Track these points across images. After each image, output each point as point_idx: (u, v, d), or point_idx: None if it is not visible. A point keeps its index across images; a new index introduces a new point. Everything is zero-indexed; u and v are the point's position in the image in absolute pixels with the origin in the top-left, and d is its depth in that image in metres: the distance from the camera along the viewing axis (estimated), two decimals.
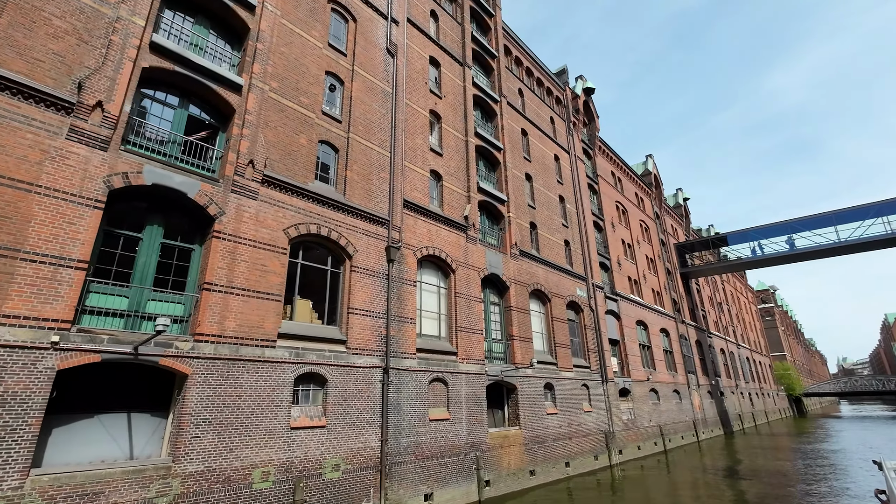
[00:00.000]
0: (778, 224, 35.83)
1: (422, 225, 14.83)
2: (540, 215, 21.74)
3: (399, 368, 12.46)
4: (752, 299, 72.86)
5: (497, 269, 17.56)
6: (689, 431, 30.44)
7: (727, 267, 38.60)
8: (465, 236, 16.53)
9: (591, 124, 30.97)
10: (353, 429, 10.85)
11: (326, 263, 12.06)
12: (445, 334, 14.91)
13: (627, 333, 26.48)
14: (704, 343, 39.79)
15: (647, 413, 25.46)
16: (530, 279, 19.35)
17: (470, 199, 17.17)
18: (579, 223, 25.01)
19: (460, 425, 13.69)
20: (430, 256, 14.94)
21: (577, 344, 21.84)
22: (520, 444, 15.74)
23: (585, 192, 27.19)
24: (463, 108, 18.71)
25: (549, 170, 24.00)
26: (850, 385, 65.97)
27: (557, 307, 20.65)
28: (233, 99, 10.68)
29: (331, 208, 12.10)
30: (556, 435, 17.65)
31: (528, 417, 16.55)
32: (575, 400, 19.51)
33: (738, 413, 42.54)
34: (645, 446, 24.05)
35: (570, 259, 23.39)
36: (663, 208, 40.93)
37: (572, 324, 22.05)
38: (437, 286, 15.27)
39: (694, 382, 34.13)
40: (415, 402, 12.57)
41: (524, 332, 17.90)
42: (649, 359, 28.87)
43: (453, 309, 15.12)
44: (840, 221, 33.58)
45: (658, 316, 31.73)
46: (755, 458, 23.42)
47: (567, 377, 19.51)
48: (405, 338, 12.98)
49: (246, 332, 9.49)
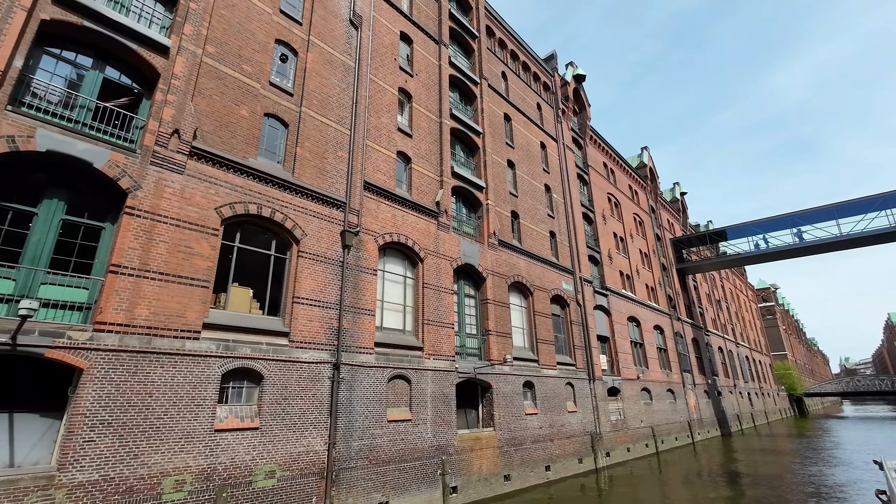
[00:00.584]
0: (778, 217, 34.58)
1: (385, 209, 13.68)
2: (523, 204, 20.57)
3: (353, 364, 11.32)
4: (753, 297, 71.55)
5: (472, 260, 16.41)
6: (684, 432, 29.24)
7: (724, 262, 37.37)
8: (437, 223, 15.38)
9: (581, 113, 29.77)
10: (294, 431, 9.72)
11: (270, 248, 10.92)
12: (411, 328, 13.77)
13: (618, 330, 25.30)
14: (701, 341, 38.57)
15: (638, 413, 24.28)
16: (510, 271, 18.19)
17: (443, 185, 16.02)
18: (567, 214, 23.83)
19: (424, 426, 12.55)
20: (395, 244, 13.80)
21: (561, 340, 20.68)
22: (494, 446, 14.60)
23: (574, 182, 26.01)
24: (437, 88, 17.55)
25: (535, 157, 22.82)
26: (852, 385, 64.72)
27: (540, 301, 19.49)
28: (158, 62, 9.55)
29: (276, 187, 10.96)
30: (536, 436, 16.50)
31: (504, 418, 15.41)
32: (558, 399, 18.35)
33: (736, 413, 41.32)
34: (635, 448, 22.87)
35: (556, 251, 22.22)
36: (659, 202, 39.70)
37: (557, 319, 20.89)
38: (403, 276, 14.12)
39: (690, 381, 32.94)
40: (370, 402, 11.43)
41: (502, 327, 16.75)
42: (641, 357, 27.69)
43: (420, 301, 13.98)
44: (842, 215, 32.33)
45: (652, 312, 30.54)
46: (753, 460, 22.24)
47: (549, 375, 18.35)
48: (362, 331, 11.84)
49: (162, 321, 8.36)
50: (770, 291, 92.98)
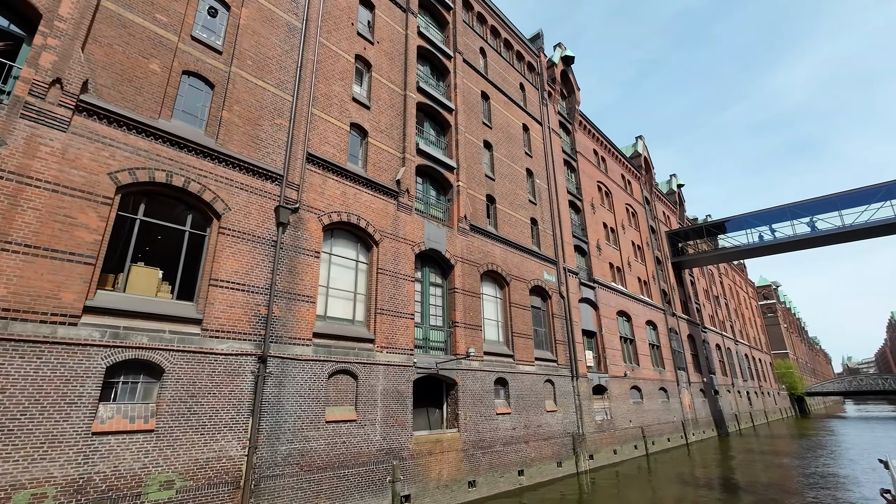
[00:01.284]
0: (777, 209, 33.04)
1: (334, 185, 12.27)
2: (501, 188, 19.13)
3: (284, 357, 9.92)
4: (753, 294, 69.98)
5: (439, 245, 14.99)
6: (677, 433, 27.81)
7: (721, 256, 35.84)
8: (397, 204, 13.96)
9: (570, 97, 28.29)
10: (202, 433, 8.32)
11: (185, 223, 9.52)
12: (362, 318, 12.37)
13: (606, 324, 23.86)
14: (698, 338, 37.09)
15: (626, 413, 22.86)
16: (483, 259, 16.77)
17: (405, 162, 14.60)
18: (551, 201, 22.38)
19: (372, 428, 11.15)
20: (345, 224, 12.38)
21: (542, 334, 19.25)
22: (457, 449, 13.19)
23: (560, 168, 24.54)
24: (403, 58, 16.11)
25: (516, 140, 21.37)
26: (854, 384, 63.16)
27: (518, 292, 18.06)
28: (40, 1, 8.14)
29: (194, 154, 9.55)
30: (509, 438, 15.09)
31: (470, 418, 14.00)
32: (535, 398, 16.93)
33: (734, 413, 39.85)
34: (623, 450, 21.45)
35: (538, 240, 20.78)
36: (654, 194, 38.19)
37: (537, 312, 19.46)
38: (355, 260, 12.71)
39: (684, 380, 31.49)
40: (305, 399, 10.04)
41: (471, 319, 15.34)
42: (632, 353, 26.24)
43: (374, 288, 12.57)
44: (845, 205, 30.78)
45: (644, 307, 29.08)
46: (750, 463, 20.81)
47: (526, 371, 16.94)
48: (298, 319, 10.44)
49: (25, 302, 6.96)
50: (771, 289, 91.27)
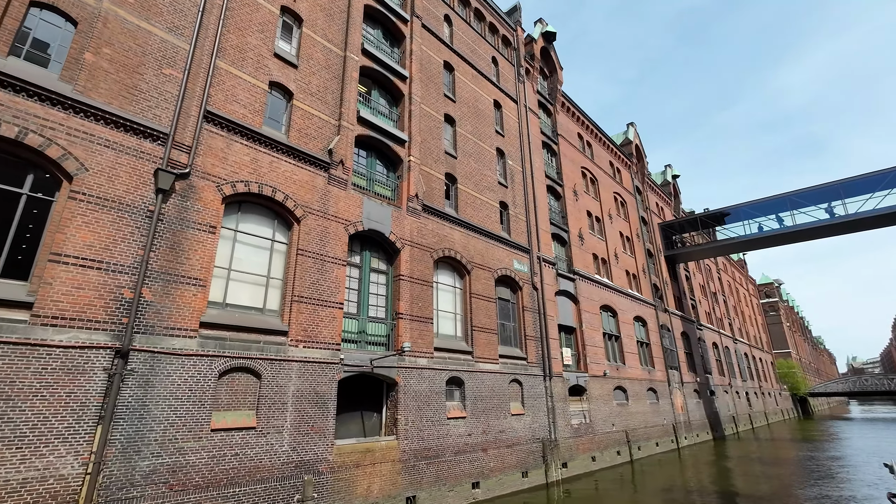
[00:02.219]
0: (775, 198, 31.04)
1: (242, 151, 10.45)
2: (464, 167, 17.28)
3: (156, 351, 8.10)
4: (754, 292, 67.85)
5: (382, 226, 13.16)
6: (668, 437, 25.88)
7: (716, 248, 33.85)
8: (328, 176, 12.13)
9: (552, 76, 26.38)
10: (18, 447, 6.51)
11: (23, 185, 7.71)
12: (276, 306, 10.54)
13: (587, 320, 21.97)
14: (693, 335, 35.13)
15: (608, 415, 20.96)
16: (439, 243, 14.92)
17: (340, 130, 12.76)
18: (525, 184, 20.51)
19: (277, 437, 9.32)
20: (255, 196, 10.56)
21: (510, 329, 17.39)
22: (393, 460, 11.35)
23: (538, 150, 22.67)
24: (345, 16, 14.28)
25: (485, 117, 19.51)
26: (859, 384, 60.96)
27: (481, 282, 16.21)
28: None
29: (37, 100, 7.74)
30: (462, 446, 13.25)
31: (414, 423, 12.16)
32: (498, 399, 15.08)
33: (731, 415, 37.87)
34: (603, 457, 19.56)
35: (508, 225, 18.91)
36: (646, 184, 36.24)
37: (505, 304, 17.60)
38: (269, 239, 10.88)
39: (676, 379, 29.56)
40: (182, 403, 8.22)
41: (421, 311, 13.50)
42: (617, 351, 24.34)
43: (293, 272, 10.74)
44: (848, 193, 28.76)
45: (632, 302, 27.17)
46: (746, 469, 18.90)
47: (487, 370, 15.09)
48: (180, 306, 8.62)
49: None
50: (773, 287, 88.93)
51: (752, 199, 32.26)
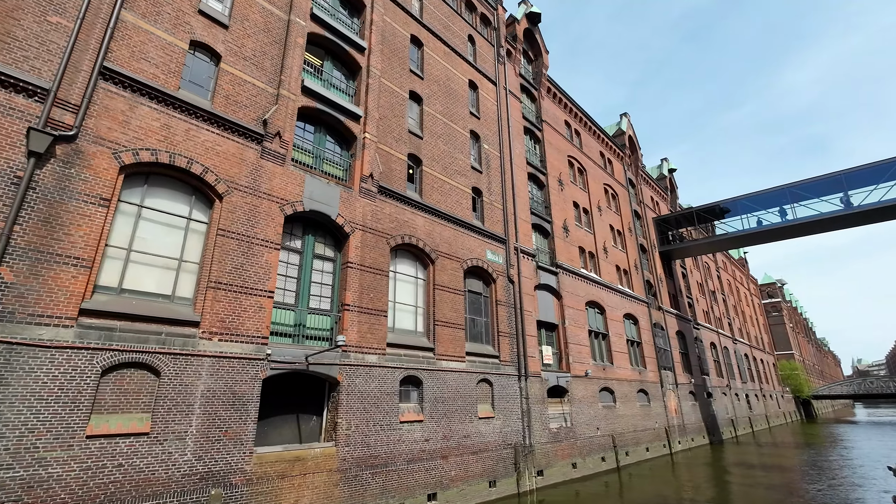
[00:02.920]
0: (775, 190, 29.52)
1: (150, 115, 9.11)
2: (431, 149, 15.91)
3: (15, 342, 6.75)
4: (755, 291, 66.16)
5: (328, 207, 11.80)
6: (659, 441, 24.39)
7: (713, 243, 32.29)
8: (260, 150, 10.79)
9: (537, 60, 25.00)
10: None
11: None
12: (189, 294, 9.19)
13: (571, 316, 20.54)
14: (689, 335, 33.62)
15: (592, 419, 19.51)
16: (397, 229, 13.56)
17: (280, 100, 11.42)
18: (503, 170, 19.12)
19: (178, 444, 7.96)
20: (165, 167, 9.22)
21: (480, 325, 15.99)
22: (330, 469, 9.98)
23: (519, 135, 21.29)
24: None
25: (457, 97, 18.14)
26: (864, 387, 59.16)
27: (447, 272, 14.83)
28: None
29: None
30: (417, 453, 11.85)
31: (357, 428, 10.78)
32: (463, 401, 13.68)
33: (730, 418, 36.30)
34: (586, 463, 18.11)
35: (482, 213, 17.53)
36: (640, 176, 34.77)
37: (476, 298, 16.20)
38: (184, 217, 9.53)
39: (670, 381, 28.05)
40: (48, 405, 6.86)
41: (372, 302, 12.13)
42: (605, 350, 22.88)
43: (210, 255, 9.39)
44: (852, 185, 27.23)
45: (622, 298, 25.70)
46: (746, 475, 17.42)
47: (452, 369, 13.70)
48: (52, 291, 7.27)
49: None
50: (776, 287, 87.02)
51: (750, 192, 30.75)
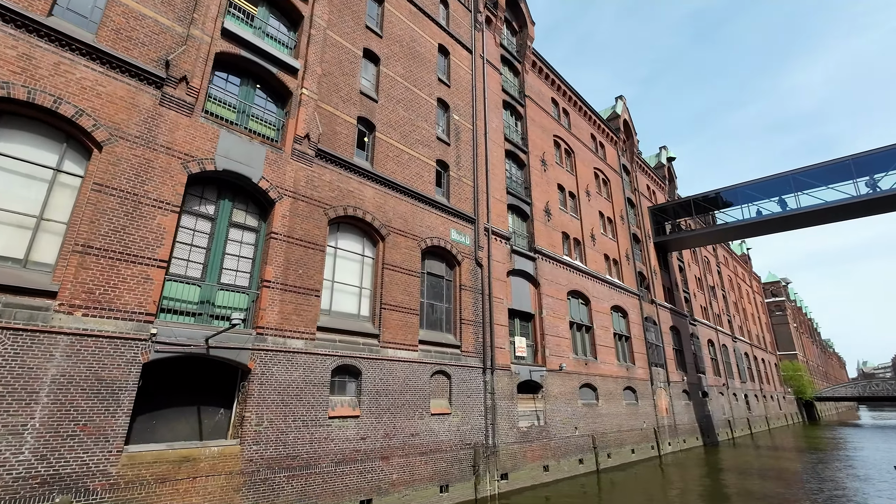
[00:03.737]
0: (779, 176, 27.64)
1: (2, 39, 7.52)
2: (388, 114, 14.26)
3: None
4: (758, 289, 64.13)
5: (248, 169, 10.20)
6: (646, 442, 22.74)
7: (710, 234, 30.46)
8: (160, 95, 9.18)
9: (522, 31, 23.23)
10: None
11: None
12: (52, 259, 7.62)
13: (550, 305, 18.88)
14: (684, 331, 31.87)
15: (570, 417, 17.89)
16: (339, 199, 11.95)
17: (189, 40, 9.80)
18: (475, 144, 17.44)
19: (14, 440, 6.41)
20: (20, 104, 7.63)
21: (440, 311, 14.38)
22: (231, 472, 8.42)
23: (497, 109, 19.59)
24: None
25: (424, 61, 16.45)
26: (869, 389, 57.17)
27: (401, 251, 13.22)
28: None
29: None
30: (348, 454, 10.29)
31: (273, 423, 9.22)
32: (412, 395, 12.10)
33: (726, 419, 34.56)
34: (560, 466, 16.50)
35: (448, 189, 15.88)
36: (636, 163, 32.93)
37: (436, 281, 14.59)
38: (51, 168, 7.95)
39: (662, 378, 26.36)
40: None
41: (301, 280, 10.55)
42: (588, 343, 21.23)
43: (81, 215, 7.81)
44: (861, 171, 25.32)
45: (610, 289, 24.00)
46: (737, 483, 15.77)
47: (400, 358, 12.10)
48: None
49: None
50: (780, 286, 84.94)
51: (751, 179, 28.88)
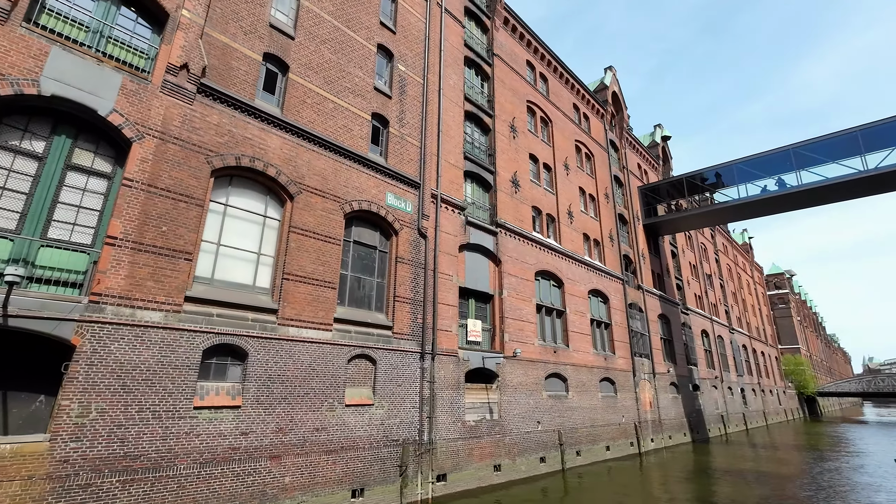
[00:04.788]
0: (778, 151, 25.27)
1: None
2: (308, 54, 12.14)
3: None
4: (760, 280, 61.66)
5: (92, 98, 8.16)
6: (626, 439, 20.77)
7: (704, 215, 28.07)
8: None
9: None
10: None
11: None
12: None
13: (512, 286, 16.82)
14: (675, 320, 29.73)
15: (532, 410, 15.91)
16: (231, 146, 9.91)
17: None
18: (425, 100, 15.29)
19: None
20: None
21: (368, 286, 12.37)
22: (31, 476, 6.49)
23: (456, 65, 17.39)
24: None
25: (362, 0, 14.28)
26: (874, 385, 54.88)
27: (316, 214, 11.19)
28: None
29: None
30: (223, 452, 8.36)
31: (107, 414, 7.29)
32: (320, 382, 10.14)
33: (720, 413, 32.51)
34: (516, 465, 14.56)
35: (386, 147, 13.79)
36: (626, 139, 30.57)
37: (366, 252, 12.56)
38: None
39: (646, 369, 24.32)
40: None
41: (164, 239, 8.55)
42: (560, 329, 19.18)
43: None
44: (871, 145, 22.89)
45: (588, 271, 21.88)
46: (723, 486, 13.77)
47: (306, 338, 10.13)
48: None
49: None
50: (784, 278, 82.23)
51: (748, 155, 26.50)
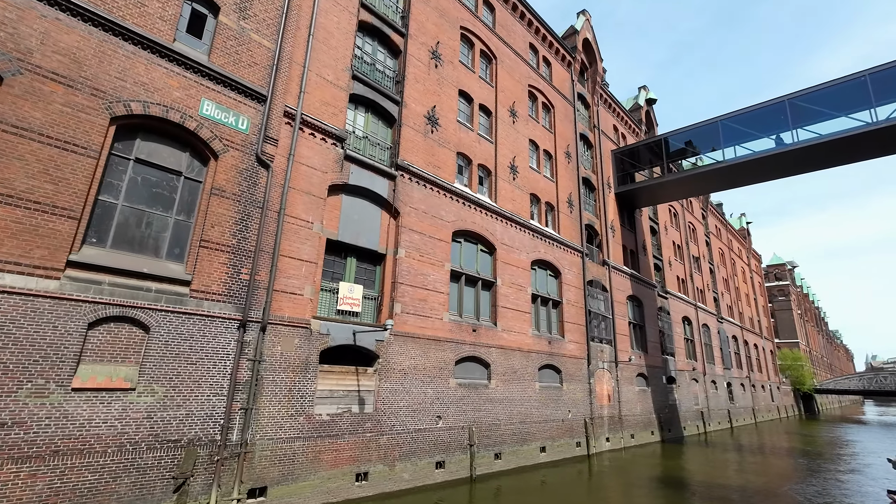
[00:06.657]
0: (772, 103, 21.33)
1: None
2: None
3: None
4: (757, 269, 57.67)
5: None
6: (571, 438, 17.29)
7: (684, 181, 24.05)
8: None
9: None
10: None
11: None
12: None
13: (414, 244, 13.22)
14: (649, 303, 26.08)
15: (430, 402, 12.41)
16: None
17: None
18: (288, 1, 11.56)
19: None
20: None
21: (161, 225, 8.78)
22: None
23: None
24: None
25: None
26: (876, 382, 51.26)
27: (51, 109, 7.57)
28: None
29: None
30: None
31: None
32: (17, 352, 6.63)
33: (699, 410, 29.02)
34: (395, 473, 11.09)
35: (212, 39, 10.12)
36: (599, 95, 26.55)
37: (162, 176, 8.95)
38: None
39: (606, 357, 20.76)
40: None
41: None
42: (486, 304, 15.59)
43: None
44: (883, 94, 18.93)
45: (535, 238, 18.21)
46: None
47: None
48: None
49: None
50: (785, 269, 78.22)
51: (737, 109, 22.52)
